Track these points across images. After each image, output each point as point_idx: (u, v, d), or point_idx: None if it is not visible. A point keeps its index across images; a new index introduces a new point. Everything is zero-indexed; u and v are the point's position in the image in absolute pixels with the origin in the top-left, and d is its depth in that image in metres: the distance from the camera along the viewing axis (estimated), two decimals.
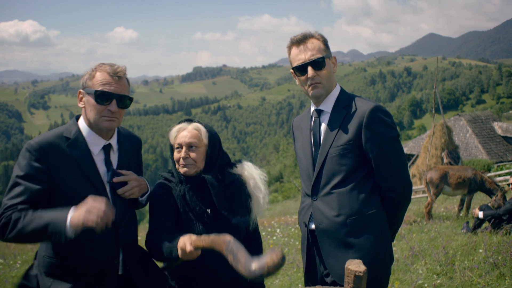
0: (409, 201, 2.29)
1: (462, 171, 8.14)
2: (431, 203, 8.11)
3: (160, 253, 2.05)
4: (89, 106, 2.05)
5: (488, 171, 19.62)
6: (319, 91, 2.25)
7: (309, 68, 2.22)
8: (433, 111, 18.71)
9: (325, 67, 2.24)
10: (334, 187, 2.21)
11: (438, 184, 8.06)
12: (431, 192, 8.14)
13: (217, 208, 2.18)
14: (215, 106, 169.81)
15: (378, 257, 2.18)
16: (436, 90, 17.68)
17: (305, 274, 2.41)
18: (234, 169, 2.36)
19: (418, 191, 15.80)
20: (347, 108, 2.24)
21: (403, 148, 2.32)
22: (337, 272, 2.17)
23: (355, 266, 1.67)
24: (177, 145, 2.24)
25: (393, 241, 2.34)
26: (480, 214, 6.27)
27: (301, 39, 2.26)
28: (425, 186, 8.34)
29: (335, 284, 2.20)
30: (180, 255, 1.92)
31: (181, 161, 2.22)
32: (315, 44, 2.24)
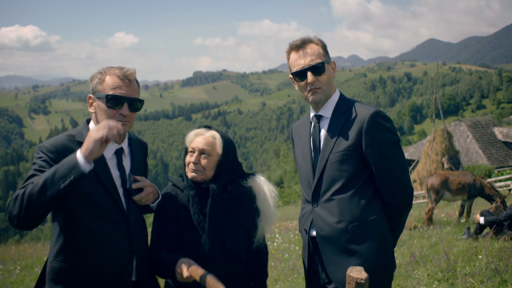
0: (410, 207, 2.27)
1: (462, 177, 8.12)
2: (432, 210, 8.09)
3: (160, 273, 2.15)
4: (100, 111, 2.03)
5: (489, 176, 19.61)
6: (318, 97, 2.24)
7: (308, 73, 2.20)
8: (434, 117, 18.73)
9: (325, 72, 2.23)
10: (334, 193, 2.19)
11: (439, 190, 8.04)
12: (432, 198, 8.11)
13: (208, 220, 2.16)
14: (216, 111, 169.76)
15: (380, 263, 2.16)
16: (437, 96, 17.70)
17: (307, 282, 2.38)
18: (246, 181, 2.33)
19: (418, 196, 15.77)
20: (347, 114, 2.23)
21: (404, 153, 2.30)
22: (339, 279, 2.14)
23: (357, 273, 1.65)
24: (191, 149, 2.25)
25: (394, 247, 2.32)
26: (481, 220, 6.25)
27: (300, 44, 2.24)
28: (426, 192, 8.32)
29: None
30: (178, 278, 2.01)
31: (190, 165, 2.23)
32: (314, 49, 2.23)
